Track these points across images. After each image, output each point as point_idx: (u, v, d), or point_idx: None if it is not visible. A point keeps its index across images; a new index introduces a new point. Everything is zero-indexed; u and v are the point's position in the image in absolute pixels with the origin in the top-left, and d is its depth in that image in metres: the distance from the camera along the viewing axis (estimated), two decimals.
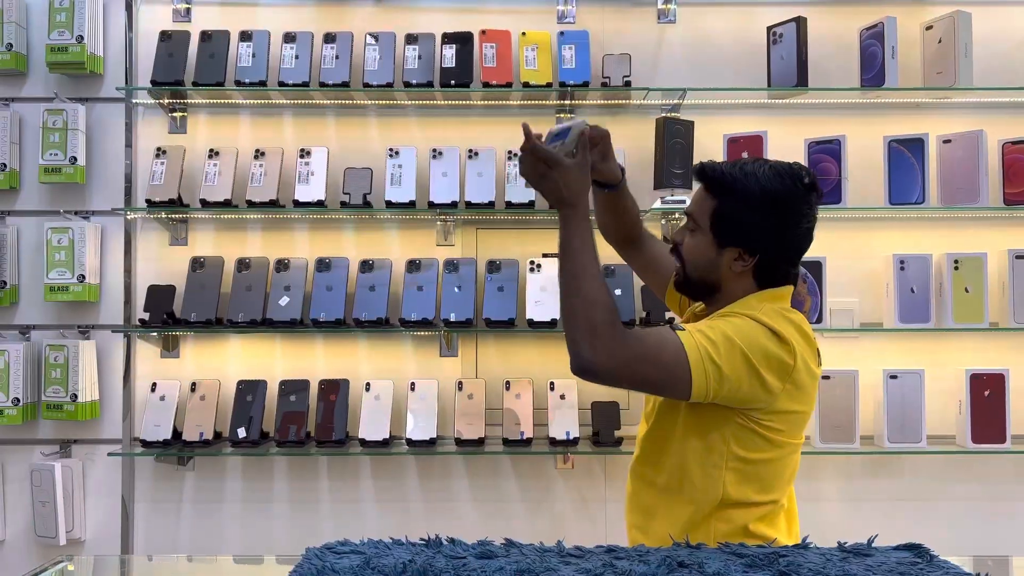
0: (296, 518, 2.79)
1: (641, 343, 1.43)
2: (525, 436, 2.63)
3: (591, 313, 1.41)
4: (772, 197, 1.51)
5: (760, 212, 1.52)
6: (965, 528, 2.78)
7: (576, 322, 1.42)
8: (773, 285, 1.57)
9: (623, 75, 2.72)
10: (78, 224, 2.72)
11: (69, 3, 2.72)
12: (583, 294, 1.43)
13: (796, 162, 1.57)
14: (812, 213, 1.55)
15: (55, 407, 2.68)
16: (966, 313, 2.66)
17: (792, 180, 1.52)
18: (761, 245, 1.53)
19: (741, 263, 1.54)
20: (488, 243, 2.83)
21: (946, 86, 2.68)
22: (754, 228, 1.53)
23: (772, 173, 1.53)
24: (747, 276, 1.56)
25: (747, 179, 1.53)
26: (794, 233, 1.54)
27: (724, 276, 1.56)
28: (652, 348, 1.43)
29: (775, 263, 1.55)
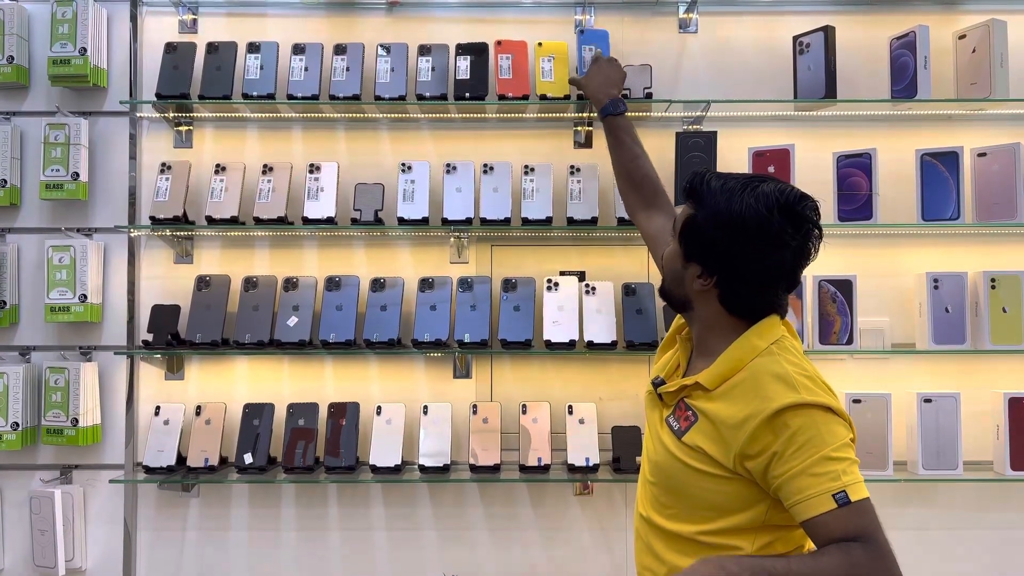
0: (304, 547, 2.68)
1: (871, 534, 1.33)
2: (542, 462, 2.52)
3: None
4: (736, 220, 1.41)
5: (722, 232, 1.43)
6: (1003, 560, 2.66)
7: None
8: (742, 314, 1.47)
9: (644, 87, 2.62)
10: (80, 242, 2.64)
11: (72, 15, 2.64)
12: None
13: (800, 192, 1.44)
14: (790, 249, 1.42)
15: (55, 432, 2.59)
16: (1004, 334, 2.54)
17: (771, 210, 1.40)
18: (719, 267, 1.45)
19: (701, 282, 1.48)
20: (504, 261, 2.73)
21: (981, 97, 2.57)
22: (712, 247, 1.44)
23: (752, 196, 1.41)
24: (711, 297, 1.48)
25: (719, 195, 1.44)
26: (756, 263, 1.43)
27: (689, 292, 1.50)
28: (871, 523, 1.35)
29: (736, 290, 1.46)
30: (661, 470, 1.53)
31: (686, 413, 1.49)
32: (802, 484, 1.34)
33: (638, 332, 2.55)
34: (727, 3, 2.75)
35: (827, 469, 1.33)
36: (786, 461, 1.36)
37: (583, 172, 2.62)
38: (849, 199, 2.58)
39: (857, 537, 1.31)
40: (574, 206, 2.59)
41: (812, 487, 1.33)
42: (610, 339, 2.53)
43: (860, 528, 1.31)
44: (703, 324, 1.52)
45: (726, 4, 2.76)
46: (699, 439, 1.45)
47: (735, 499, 1.44)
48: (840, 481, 1.32)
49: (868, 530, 1.31)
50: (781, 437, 1.37)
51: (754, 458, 1.39)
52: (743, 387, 1.43)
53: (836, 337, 2.54)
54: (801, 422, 1.37)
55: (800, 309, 2.54)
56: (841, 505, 1.31)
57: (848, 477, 1.33)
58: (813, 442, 1.35)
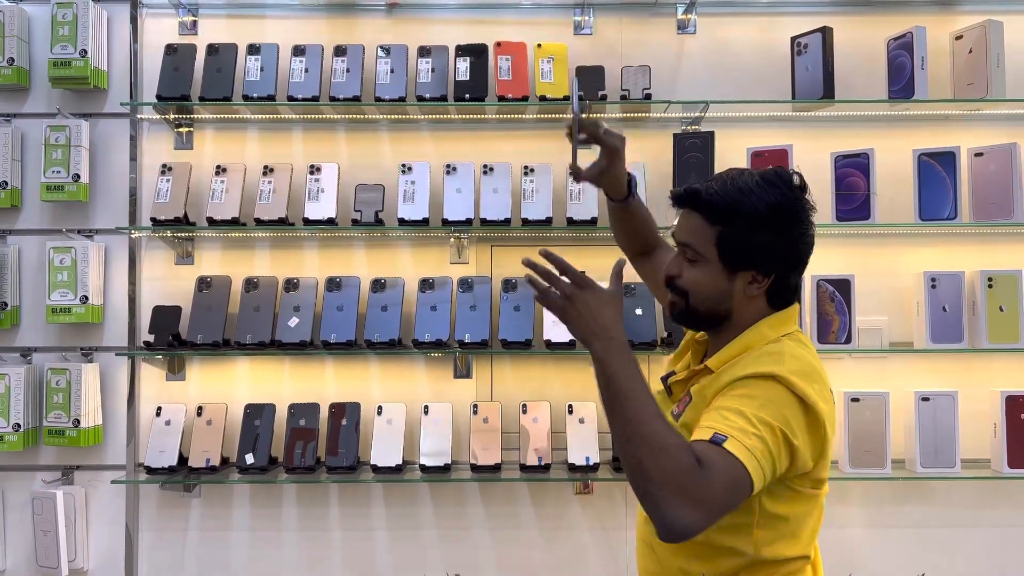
0: (306, 547, 2.69)
1: (720, 477, 1.21)
2: (543, 461, 2.53)
3: (666, 464, 1.18)
4: (777, 210, 1.43)
5: (770, 229, 1.43)
6: (1001, 556, 2.68)
7: (652, 480, 1.18)
8: (783, 304, 1.49)
9: (643, 87, 2.63)
10: (81, 243, 2.64)
11: (72, 17, 2.65)
12: (649, 442, 1.19)
13: (780, 168, 1.48)
14: (810, 219, 1.47)
15: (57, 432, 2.60)
16: (1001, 332, 2.56)
17: (785, 186, 1.44)
18: (775, 263, 1.45)
19: (756, 286, 1.45)
20: (504, 261, 2.74)
21: (977, 97, 2.59)
22: (767, 247, 1.43)
23: (765, 184, 1.44)
24: (760, 298, 1.47)
25: (748, 197, 1.43)
26: (803, 241, 1.46)
27: (737, 303, 1.47)
28: (727, 477, 1.22)
29: (785, 281, 1.47)
30: None
31: (685, 398, 1.49)
32: (709, 416, 1.31)
33: (637, 332, 2.56)
34: (725, 4, 2.77)
35: (734, 419, 1.28)
36: (717, 399, 1.35)
37: None
38: (847, 199, 2.59)
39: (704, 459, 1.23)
40: (574, 207, 2.61)
41: (709, 420, 1.29)
42: None
43: (710, 459, 1.22)
44: (741, 326, 1.48)
45: (724, 5, 2.77)
46: (690, 416, 1.44)
47: None
48: (731, 430, 1.26)
49: (714, 464, 1.22)
50: (735, 388, 1.35)
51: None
52: (737, 360, 1.43)
53: (834, 336, 2.56)
54: (761, 384, 1.33)
55: (799, 309, 2.55)
56: (712, 441, 1.24)
57: (741, 435, 1.26)
58: (746, 400, 1.31)
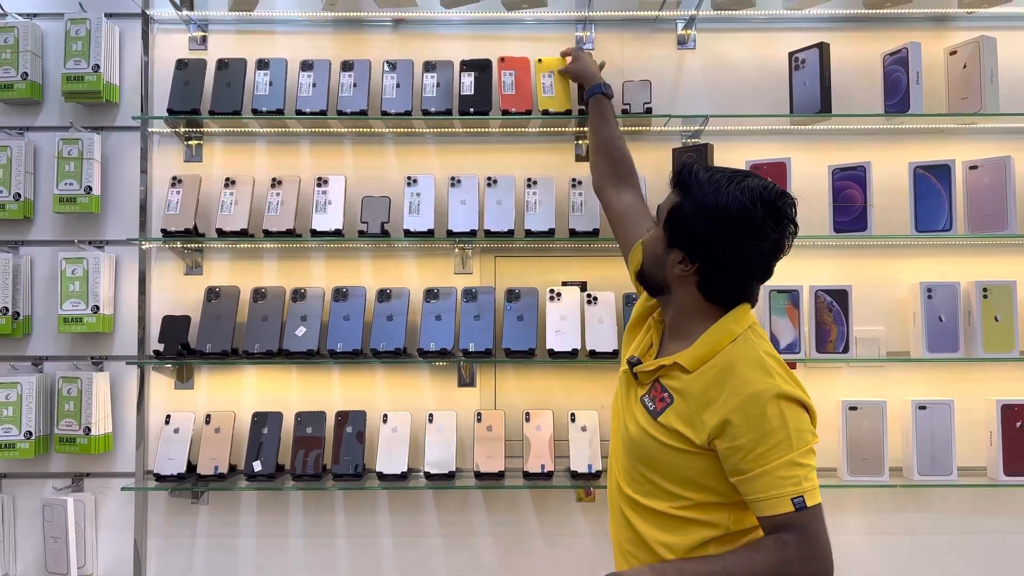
0: (312, 553, 2.73)
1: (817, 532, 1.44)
2: (545, 469, 2.57)
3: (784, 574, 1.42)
4: (722, 211, 1.48)
5: (707, 222, 1.50)
6: (998, 564, 2.71)
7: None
8: (719, 300, 1.56)
9: (644, 102, 2.69)
10: (92, 254, 2.69)
11: (85, 32, 2.71)
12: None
13: (780, 189, 1.52)
14: (769, 241, 1.50)
15: (68, 440, 2.64)
16: (996, 342, 2.60)
17: (754, 203, 1.48)
18: (701, 254, 1.52)
19: (682, 267, 1.55)
20: (507, 272, 2.79)
21: (972, 112, 2.64)
22: (697, 235, 1.51)
23: (738, 189, 1.49)
24: (690, 284, 1.56)
25: (707, 186, 1.51)
26: (740, 254, 1.51)
27: (669, 277, 1.58)
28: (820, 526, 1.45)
29: (715, 277, 1.54)
30: (636, 446, 1.60)
31: (662, 395, 1.57)
32: (766, 483, 1.44)
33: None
34: (725, 20, 2.82)
35: (791, 474, 1.44)
36: (755, 459, 1.45)
37: (584, 185, 2.68)
38: (844, 211, 2.64)
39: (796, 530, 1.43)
40: (576, 218, 2.66)
41: (774, 488, 1.44)
42: (611, 348, 2.59)
43: (803, 523, 1.43)
44: (679, 308, 1.59)
45: (724, 21, 2.83)
46: (674, 420, 1.53)
47: (708, 474, 1.52)
48: (801, 487, 1.44)
49: (809, 525, 1.43)
50: (754, 429, 1.45)
51: (723, 439, 1.48)
52: (721, 370, 1.51)
53: (832, 346, 2.60)
54: (774, 415, 1.45)
55: (797, 318, 2.60)
56: (798, 509, 1.43)
57: (808, 484, 1.44)
58: (782, 446, 1.44)
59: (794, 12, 2.78)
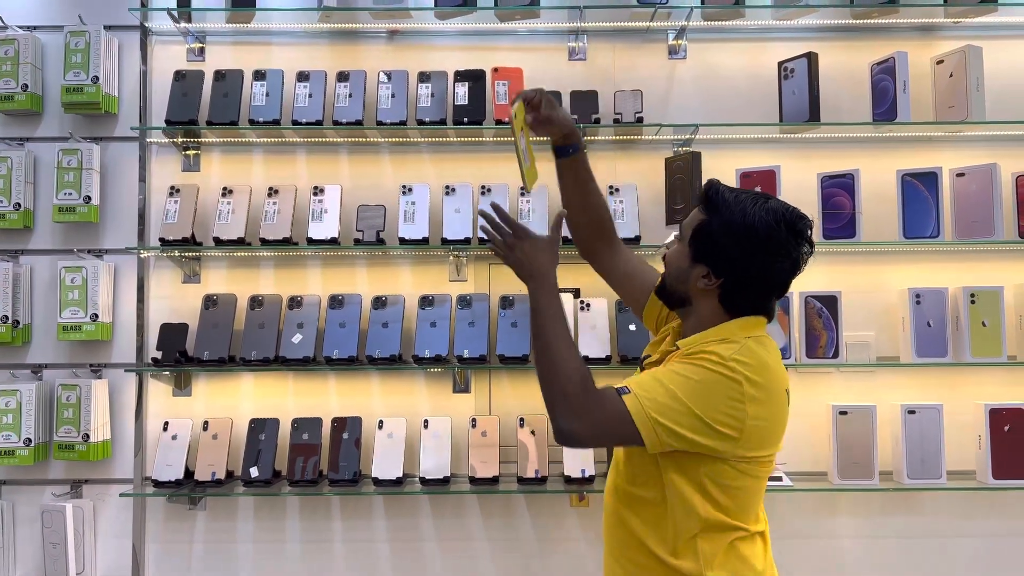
0: (309, 559, 2.75)
1: (602, 408, 1.50)
2: (540, 474, 2.60)
3: (564, 384, 1.50)
4: (750, 230, 1.55)
5: (734, 239, 1.56)
6: (986, 566, 2.74)
7: (551, 388, 1.51)
8: (739, 313, 1.60)
9: (635, 111, 2.73)
10: (91, 263, 2.72)
11: (84, 44, 2.75)
12: (555, 360, 1.52)
13: (799, 211, 1.59)
14: (790, 259, 1.57)
15: (67, 447, 2.67)
16: (984, 347, 2.64)
17: (778, 223, 1.55)
18: (727, 270, 1.57)
19: (706, 281, 1.59)
20: (501, 279, 2.83)
21: (958, 120, 2.68)
22: (724, 252, 1.57)
23: (763, 210, 1.56)
24: (712, 297, 1.60)
25: (735, 206, 1.57)
26: (764, 271, 1.57)
27: (692, 291, 1.62)
28: (611, 412, 1.49)
29: (738, 292, 1.59)
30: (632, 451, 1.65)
31: None
32: (636, 376, 1.56)
33: (631, 347, 2.63)
34: (715, 30, 2.87)
35: (651, 386, 1.50)
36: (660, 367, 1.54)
37: None
38: (833, 218, 2.68)
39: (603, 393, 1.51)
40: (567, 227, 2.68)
41: (632, 379, 1.55)
42: (604, 354, 2.62)
43: (610, 396, 1.50)
44: (699, 320, 1.63)
45: (714, 31, 2.87)
46: None
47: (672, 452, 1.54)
48: (638, 391, 1.49)
49: (609, 400, 1.50)
50: (675, 360, 1.54)
51: None
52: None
53: (822, 351, 2.63)
54: (705, 367, 1.50)
55: (787, 324, 2.63)
56: (619, 392, 1.50)
57: (645, 399, 1.48)
58: (685, 380, 1.49)
59: (783, 22, 2.82)
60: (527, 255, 1.61)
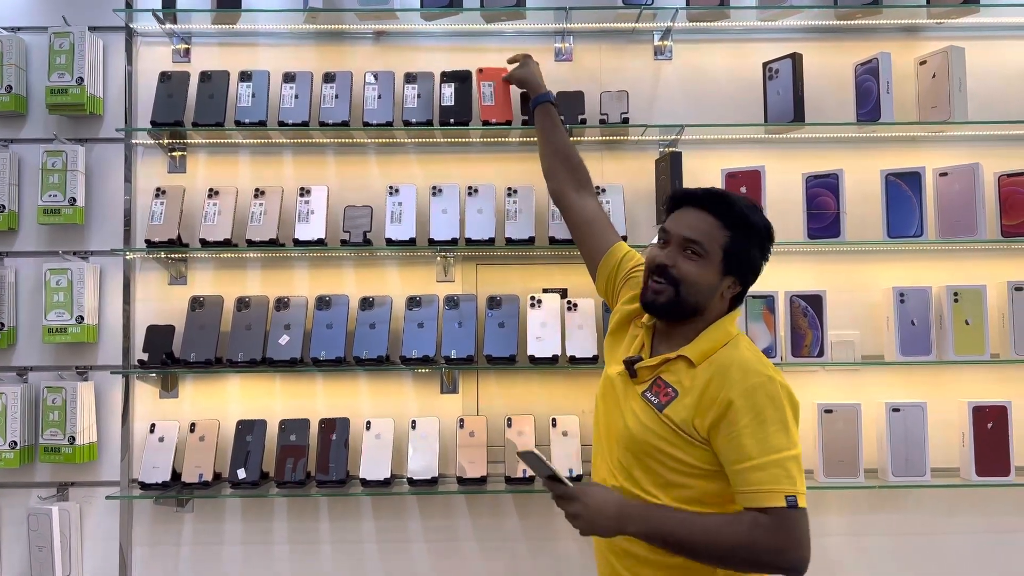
0: (297, 560, 2.75)
1: (798, 525, 1.51)
2: (528, 474, 2.61)
3: (751, 555, 1.50)
4: (764, 235, 1.72)
5: (762, 251, 1.72)
6: (971, 562, 2.76)
7: (758, 564, 1.51)
8: (734, 307, 1.76)
9: (621, 112, 2.74)
10: (77, 265, 2.71)
11: (69, 45, 2.74)
12: (731, 553, 1.51)
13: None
14: None
15: (52, 450, 2.65)
16: (967, 345, 2.66)
17: (764, 215, 1.74)
18: (750, 274, 1.72)
19: (731, 289, 1.71)
20: (488, 279, 2.83)
21: (941, 120, 2.71)
22: (754, 260, 1.71)
23: (760, 215, 1.73)
24: (727, 300, 1.73)
25: (756, 215, 1.70)
26: (763, 264, 1.74)
27: (713, 301, 1.71)
28: (802, 522, 1.52)
29: (747, 290, 1.76)
30: (637, 441, 1.67)
31: (665, 389, 1.67)
32: (763, 478, 1.52)
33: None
34: (700, 31, 2.88)
35: (787, 473, 1.53)
36: (754, 445, 1.54)
37: None
38: (818, 218, 2.70)
39: (776, 520, 1.51)
40: (556, 226, 2.70)
41: (770, 482, 1.52)
42: (591, 353, 2.63)
43: (787, 516, 1.51)
44: (704, 321, 1.70)
45: (699, 32, 2.88)
46: (680, 411, 1.63)
47: (711, 462, 1.61)
48: (796, 488, 1.53)
49: (791, 519, 1.51)
50: (755, 412, 1.56)
51: (724, 423, 1.57)
52: (723, 364, 1.63)
53: (807, 350, 2.65)
54: (775, 402, 1.57)
55: (773, 323, 2.65)
56: (789, 507, 1.51)
57: (801, 488, 1.53)
58: (780, 436, 1.54)
59: (768, 23, 2.84)
60: (594, 513, 1.57)
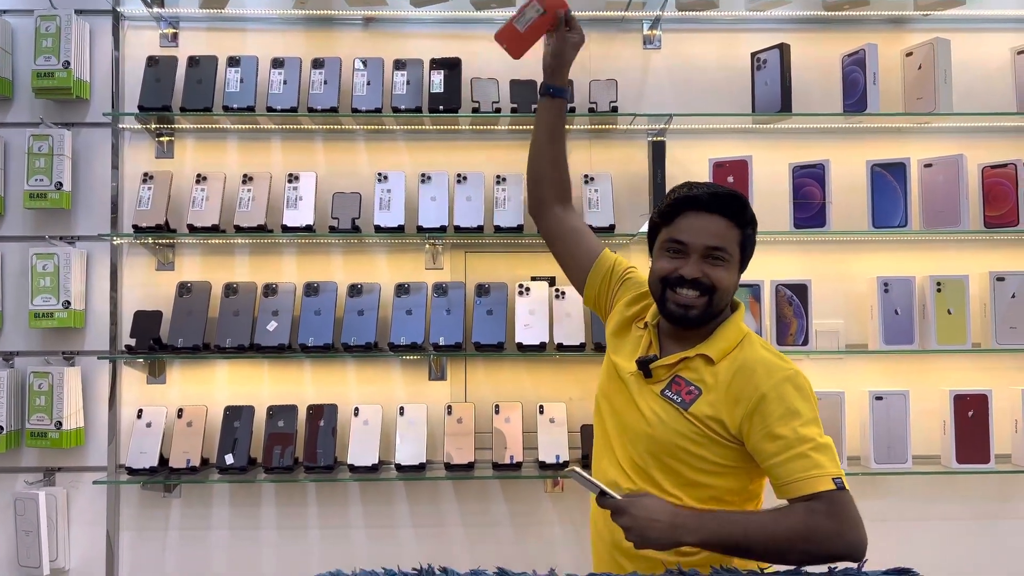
0: (284, 545, 2.76)
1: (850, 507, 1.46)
2: (515, 460, 2.63)
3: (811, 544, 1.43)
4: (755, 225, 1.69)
5: (755, 237, 1.69)
6: (951, 548, 2.80)
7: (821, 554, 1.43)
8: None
9: (610, 100, 2.74)
10: (63, 250, 2.70)
11: (55, 29, 2.72)
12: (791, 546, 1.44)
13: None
14: None
15: (39, 435, 2.65)
16: (949, 334, 2.69)
17: None
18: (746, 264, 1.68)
19: (736, 283, 1.67)
20: (477, 267, 2.84)
21: (926, 111, 2.73)
22: (752, 251, 1.68)
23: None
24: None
25: (749, 205, 1.66)
26: None
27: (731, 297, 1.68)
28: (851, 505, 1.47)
29: None
30: (657, 441, 1.60)
31: (688, 387, 1.60)
32: (806, 464, 1.47)
33: (604, 334, 2.65)
34: (689, 21, 2.88)
35: (829, 459, 1.49)
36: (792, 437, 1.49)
37: None
38: (804, 207, 2.72)
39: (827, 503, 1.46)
40: None
41: (815, 468, 1.47)
42: (579, 341, 2.65)
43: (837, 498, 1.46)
44: (717, 320, 1.65)
45: (688, 22, 2.89)
46: (706, 409, 1.57)
47: (737, 459, 1.57)
48: (840, 471, 1.49)
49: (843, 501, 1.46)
50: (787, 404, 1.52)
51: (757, 418, 1.52)
52: (745, 360, 1.58)
53: (792, 338, 2.68)
54: (803, 393, 1.55)
55: (758, 312, 2.67)
56: (838, 488, 1.45)
57: (840, 469, 1.50)
58: (813, 425, 1.52)
59: (756, 13, 2.85)
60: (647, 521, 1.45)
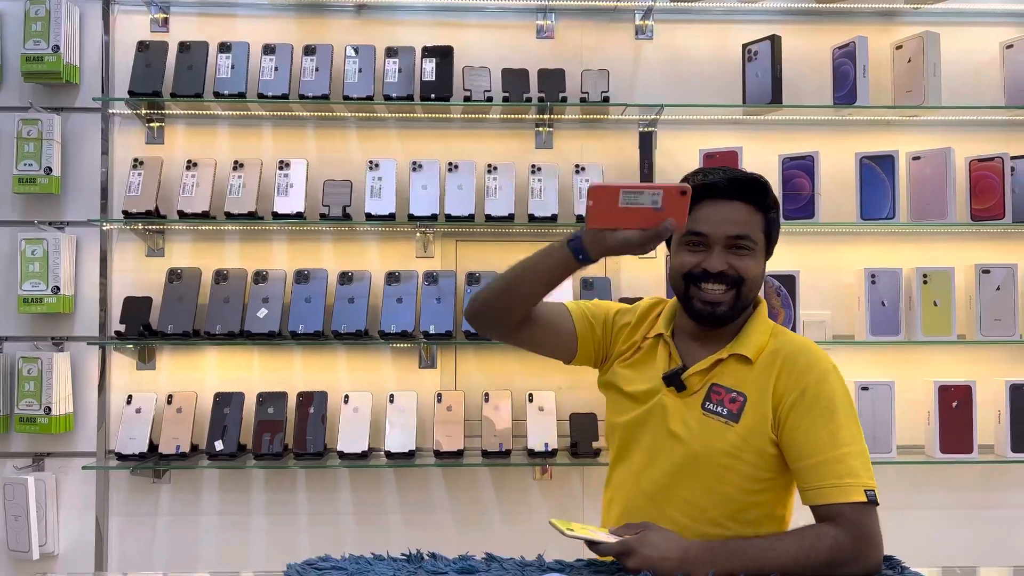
0: (274, 531, 2.78)
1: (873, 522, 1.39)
2: (504, 448, 2.64)
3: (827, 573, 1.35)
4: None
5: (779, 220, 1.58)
6: (934, 537, 2.83)
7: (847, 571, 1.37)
8: None
9: (601, 90, 2.75)
10: (53, 235, 2.70)
11: (45, 12, 2.70)
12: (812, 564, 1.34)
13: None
14: None
15: (28, 420, 2.65)
16: (935, 326, 2.72)
17: None
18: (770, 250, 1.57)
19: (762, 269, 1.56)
20: (468, 255, 2.85)
21: (915, 104, 2.75)
22: (777, 235, 1.57)
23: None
24: None
25: (769, 186, 1.55)
26: None
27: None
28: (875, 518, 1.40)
29: None
30: (701, 462, 1.48)
31: (730, 395, 1.48)
32: (841, 470, 1.39)
33: None
34: (681, 12, 2.89)
35: (864, 465, 1.41)
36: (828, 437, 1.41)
37: (544, 171, 2.74)
38: (793, 199, 2.74)
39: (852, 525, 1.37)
40: (535, 203, 2.72)
41: (849, 475, 1.39)
42: None
43: (864, 517, 1.38)
44: (745, 315, 1.54)
45: (680, 12, 2.90)
46: (757, 415, 1.47)
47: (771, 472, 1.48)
48: (873, 482, 1.41)
49: (869, 520, 1.38)
50: (826, 401, 1.43)
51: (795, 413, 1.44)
52: (782, 356, 1.48)
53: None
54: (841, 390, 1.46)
55: None
56: (870, 501, 1.37)
57: (871, 473, 1.41)
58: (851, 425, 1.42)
59: (748, 5, 2.86)
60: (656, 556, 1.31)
